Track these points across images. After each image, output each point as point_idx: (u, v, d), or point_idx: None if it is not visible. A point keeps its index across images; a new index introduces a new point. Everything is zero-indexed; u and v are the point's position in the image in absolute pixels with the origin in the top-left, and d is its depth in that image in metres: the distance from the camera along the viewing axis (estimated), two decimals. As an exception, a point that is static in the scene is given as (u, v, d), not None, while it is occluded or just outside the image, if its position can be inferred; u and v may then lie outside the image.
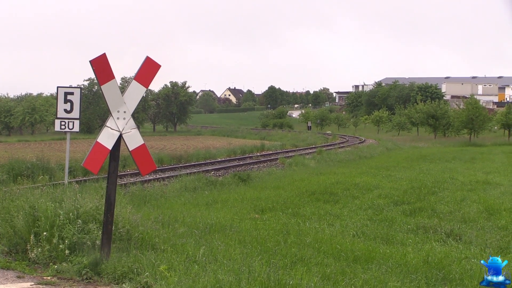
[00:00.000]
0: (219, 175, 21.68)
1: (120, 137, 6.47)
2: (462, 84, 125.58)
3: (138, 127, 7.23)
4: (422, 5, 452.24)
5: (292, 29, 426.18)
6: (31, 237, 7.03)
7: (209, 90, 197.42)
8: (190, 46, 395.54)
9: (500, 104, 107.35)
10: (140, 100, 6.83)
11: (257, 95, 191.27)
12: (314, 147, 40.20)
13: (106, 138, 6.39)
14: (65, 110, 12.53)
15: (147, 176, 18.52)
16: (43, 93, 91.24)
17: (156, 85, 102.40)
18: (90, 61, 6.19)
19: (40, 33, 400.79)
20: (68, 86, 13.42)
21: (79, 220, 7.12)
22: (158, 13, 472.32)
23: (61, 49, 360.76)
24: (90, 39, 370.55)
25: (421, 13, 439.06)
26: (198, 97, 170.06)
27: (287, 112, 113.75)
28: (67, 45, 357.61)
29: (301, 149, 39.00)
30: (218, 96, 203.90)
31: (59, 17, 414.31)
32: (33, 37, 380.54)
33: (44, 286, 6.03)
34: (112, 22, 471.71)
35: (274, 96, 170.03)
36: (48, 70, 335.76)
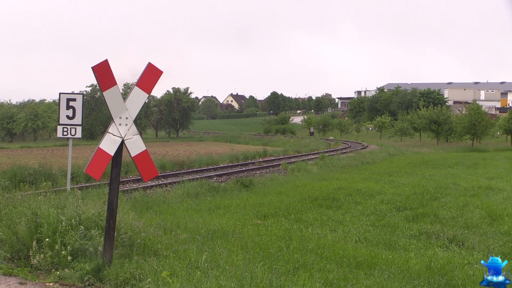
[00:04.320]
0: (222, 181, 21.67)
1: (122, 143, 6.47)
2: (465, 89, 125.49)
3: (141, 133, 7.23)
4: (424, 11, 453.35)
5: (295, 35, 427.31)
6: (33, 244, 7.02)
7: (212, 96, 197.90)
8: (193, 52, 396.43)
9: (502, 109, 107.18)
10: (142, 106, 6.82)
11: (260, 101, 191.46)
12: (317, 153, 40.19)
13: (108, 144, 6.39)
14: (68, 117, 12.56)
15: (149, 182, 18.53)
16: (45, 100, 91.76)
17: (158, 91, 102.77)
18: (92, 68, 6.20)
19: (42, 39, 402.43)
20: (70, 92, 13.45)
21: (81, 226, 7.13)
22: (161, 20, 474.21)
23: (63, 55, 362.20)
24: (92, 45, 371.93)
25: (423, 19, 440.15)
26: (200, 103, 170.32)
27: (290, 118, 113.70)
28: (69, 51, 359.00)
29: (303, 155, 38.98)
30: (221, 102, 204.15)
31: (61, 23, 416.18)
32: (35, 43, 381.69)
33: (46, 292, 6.02)
34: (114, 28, 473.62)
35: (277, 102, 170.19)
36: (50, 76, 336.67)
